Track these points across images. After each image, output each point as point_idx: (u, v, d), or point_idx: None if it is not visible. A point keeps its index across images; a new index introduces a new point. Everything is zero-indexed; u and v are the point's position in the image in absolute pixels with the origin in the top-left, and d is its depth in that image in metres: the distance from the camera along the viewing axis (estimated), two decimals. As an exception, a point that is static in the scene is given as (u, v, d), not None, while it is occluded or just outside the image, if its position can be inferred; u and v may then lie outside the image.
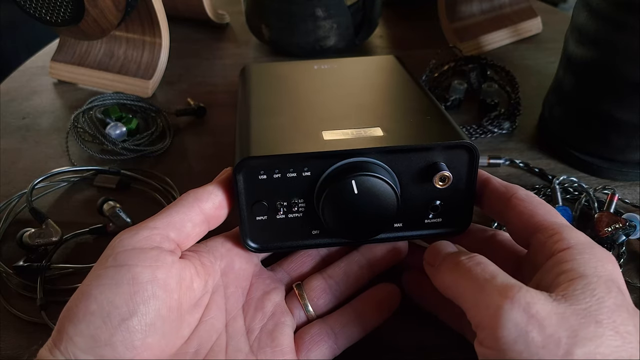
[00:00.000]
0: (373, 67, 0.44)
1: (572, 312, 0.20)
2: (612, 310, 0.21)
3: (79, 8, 0.49)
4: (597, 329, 0.20)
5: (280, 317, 0.30)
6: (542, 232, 0.25)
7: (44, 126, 0.55)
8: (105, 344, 0.23)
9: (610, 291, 0.21)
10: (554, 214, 0.27)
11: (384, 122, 0.31)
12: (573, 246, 0.23)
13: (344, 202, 0.28)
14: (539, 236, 0.25)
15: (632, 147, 0.43)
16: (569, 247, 0.23)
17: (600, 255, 0.23)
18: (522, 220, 0.27)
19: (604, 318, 0.20)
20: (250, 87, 0.40)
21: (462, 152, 0.29)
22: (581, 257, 0.23)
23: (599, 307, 0.20)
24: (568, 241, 0.24)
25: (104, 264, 0.25)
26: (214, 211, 0.29)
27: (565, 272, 0.22)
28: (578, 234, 0.25)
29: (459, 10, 0.68)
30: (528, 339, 0.20)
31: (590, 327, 0.20)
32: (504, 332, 0.20)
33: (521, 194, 0.28)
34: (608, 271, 0.22)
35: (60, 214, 0.43)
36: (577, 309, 0.20)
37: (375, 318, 0.31)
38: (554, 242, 0.24)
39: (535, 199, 0.28)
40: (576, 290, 0.21)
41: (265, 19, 0.65)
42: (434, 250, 0.28)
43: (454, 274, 0.25)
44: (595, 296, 0.21)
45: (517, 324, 0.20)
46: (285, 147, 0.29)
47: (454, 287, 0.25)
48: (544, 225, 0.26)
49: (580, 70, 0.44)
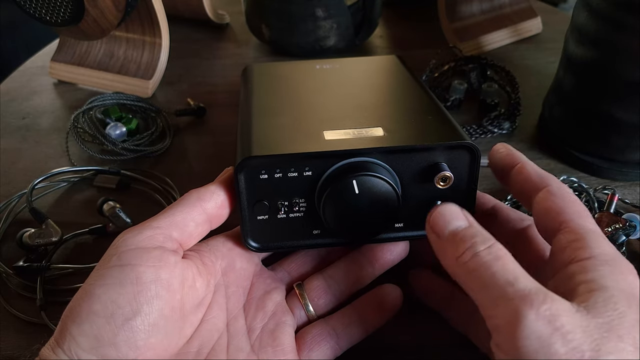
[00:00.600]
0: (375, 67, 0.44)
1: (595, 326, 0.20)
2: (633, 326, 0.20)
3: (79, 8, 0.49)
4: (618, 343, 0.20)
5: (281, 316, 0.30)
6: (565, 235, 0.24)
7: (44, 126, 0.55)
8: (108, 344, 0.23)
9: (631, 306, 0.21)
10: (584, 215, 0.25)
11: (386, 122, 0.31)
12: (595, 256, 0.22)
13: (345, 202, 0.28)
14: (561, 238, 0.24)
15: (632, 147, 0.43)
16: (592, 256, 0.22)
17: (622, 268, 0.22)
18: (549, 217, 0.25)
19: (625, 333, 0.20)
20: (252, 87, 0.40)
21: (464, 152, 0.29)
22: (603, 269, 0.22)
23: (620, 322, 0.20)
24: (591, 250, 0.23)
25: (107, 263, 0.25)
26: (216, 210, 0.29)
27: (585, 282, 0.21)
28: (603, 243, 0.23)
29: (459, 10, 0.68)
30: (551, 351, 0.19)
31: (612, 341, 0.20)
32: (525, 342, 0.20)
33: (554, 187, 0.26)
34: (629, 285, 0.22)
35: (60, 214, 0.43)
36: (600, 323, 0.20)
37: (377, 319, 0.31)
38: (576, 248, 0.23)
39: (569, 195, 0.26)
40: (598, 303, 0.20)
41: (265, 19, 0.65)
42: (442, 217, 0.25)
43: (467, 266, 0.23)
44: (617, 310, 0.20)
45: (540, 337, 0.19)
46: (287, 147, 0.29)
47: (466, 278, 0.23)
48: (569, 227, 0.24)
49: (580, 70, 0.44)
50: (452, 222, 0.25)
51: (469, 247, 0.23)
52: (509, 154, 0.30)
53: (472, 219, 0.25)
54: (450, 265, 0.24)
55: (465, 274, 0.23)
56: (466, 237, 0.24)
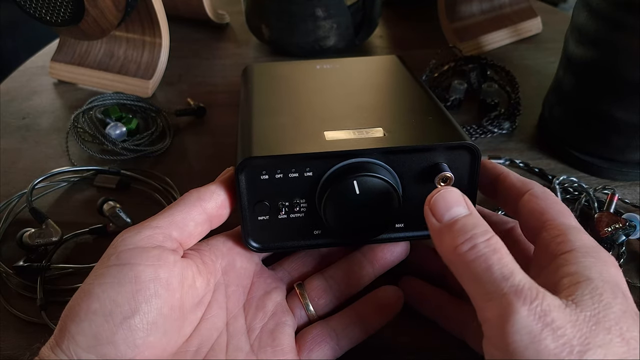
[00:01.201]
0: (375, 67, 0.44)
1: (584, 319, 0.20)
2: (619, 317, 0.21)
3: (79, 8, 0.49)
4: (605, 336, 0.20)
5: (281, 316, 0.30)
6: (547, 232, 0.25)
7: (44, 126, 0.55)
8: (107, 343, 0.23)
9: (616, 297, 0.21)
10: (566, 214, 0.26)
11: (386, 123, 0.31)
12: (576, 249, 0.23)
13: (345, 202, 0.28)
14: (544, 235, 0.25)
15: (632, 147, 0.43)
16: (573, 249, 0.23)
17: (604, 259, 0.23)
18: (532, 218, 0.26)
19: (612, 325, 0.20)
20: (253, 87, 0.40)
21: (464, 153, 0.29)
22: (585, 260, 0.22)
23: (606, 314, 0.20)
24: (572, 243, 0.23)
25: (107, 262, 0.25)
26: (217, 211, 0.29)
27: (569, 275, 0.22)
28: (583, 237, 0.24)
29: (459, 10, 0.68)
30: (541, 347, 0.20)
31: (600, 334, 0.20)
32: (516, 337, 0.20)
33: (537, 190, 0.27)
34: (612, 275, 0.22)
35: (60, 214, 0.43)
36: (588, 316, 0.20)
37: (378, 321, 0.31)
38: (558, 243, 0.24)
39: (551, 197, 0.27)
40: (584, 295, 0.21)
41: (265, 19, 0.65)
42: (443, 200, 0.25)
43: (465, 256, 0.23)
44: (602, 302, 0.21)
45: (530, 332, 0.20)
46: (287, 148, 0.29)
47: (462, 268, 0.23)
48: (551, 225, 0.25)
49: (580, 70, 0.44)
50: (453, 208, 0.25)
51: (468, 238, 0.23)
52: (492, 166, 0.31)
53: (472, 207, 0.25)
54: (446, 253, 0.24)
55: (461, 263, 0.23)
56: (466, 226, 0.23)
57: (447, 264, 0.24)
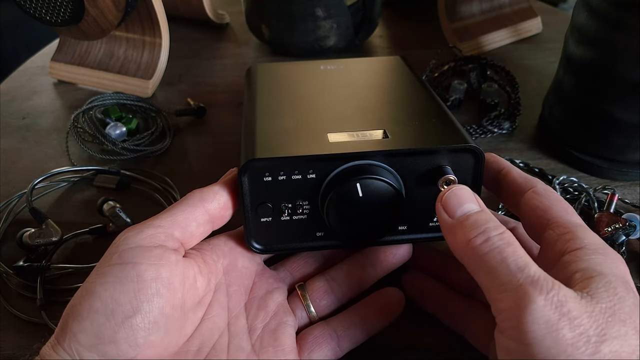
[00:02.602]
0: (379, 68, 0.44)
1: (600, 311, 0.20)
2: (633, 310, 0.21)
3: (79, 8, 0.49)
4: (621, 327, 0.20)
5: (283, 316, 0.30)
6: (554, 229, 0.25)
7: (44, 126, 0.55)
8: (108, 342, 0.23)
9: (629, 291, 0.22)
10: (570, 212, 0.26)
11: (390, 125, 0.31)
12: (586, 246, 0.23)
13: (348, 204, 0.28)
14: (550, 233, 0.25)
15: (632, 147, 0.43)
16: (582, 246, 0.23)
17: (612, 257, 0.23)
18: (536, 215, 0.26)
19: (627, 317, 0.21)
20: (256, 88, 0.40)
21: (468, 155, 0.29)
22: (595, 257, 0.23)
23: (621, 306, 0.21)
24: (581, 240, 0.24)
25: (108, 261, 0.25)
26: (219, 211, 0.29)
27: (580, 271, 0.22)
28: (591, 235, 0.24)
29: (459, 10, 0.68)
30: (558, 336, 0.20)
31: (615, 326, 0.20)
32: (533, 326, 0.20)
33: (540, 188, 0.27)
34: (622, 271, 0.22)
35: (60, 214, 0.43)
36: (604, 307, 0.21)
37: (379, 322, 0.31)
38: (566, 240, 0.24)
39: (554, 195, 0.27)
40: (599, 288, 0.21)
41: (265, 19, 0.65)
42: (455, 197, 0.25)
43: (479, 249, 0.23)
44: (617, 295, 0.21)
45: (548, 321, 0.20)
46: (291, 149, 0.29)
47: (475, 261, 0.23)
48: (557, 223, 0.25)
49: (580, 70, 0.44)
50: (465, 204, 0.25)
51: (481, 231, 0.23)
52: (495, 160, 0.31)
53: (483, 204, 0.25)
54: (459, 247, 0.24)
55: (474, 257, 0.23)
56: (479, 221, 0.24)
57: (460, 259, 0.24)
